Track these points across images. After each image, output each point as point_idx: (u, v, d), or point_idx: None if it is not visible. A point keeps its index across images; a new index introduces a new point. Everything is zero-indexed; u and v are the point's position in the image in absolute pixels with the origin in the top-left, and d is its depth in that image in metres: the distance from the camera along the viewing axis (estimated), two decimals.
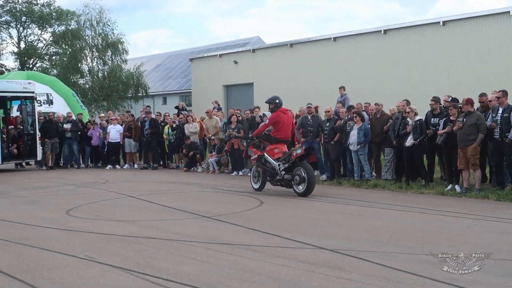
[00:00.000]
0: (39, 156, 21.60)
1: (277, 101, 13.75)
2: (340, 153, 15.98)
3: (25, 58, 54.90)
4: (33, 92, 21.85)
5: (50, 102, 26.36)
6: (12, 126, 21.88)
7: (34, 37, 56.55)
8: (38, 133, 21.46)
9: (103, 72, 43.43)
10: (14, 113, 22.96)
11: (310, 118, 16.23)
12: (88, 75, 44.19)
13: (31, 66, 54.46)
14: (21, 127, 21.88)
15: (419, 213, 10.57)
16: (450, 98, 14.93)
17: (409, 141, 14.07)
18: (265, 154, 13.69)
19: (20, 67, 53.79)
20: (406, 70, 28.42)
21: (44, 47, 55.81)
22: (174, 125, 20.90)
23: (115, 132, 21.71)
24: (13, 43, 56.36)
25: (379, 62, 29.72)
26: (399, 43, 29.37)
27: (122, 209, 11.54)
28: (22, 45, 55.96)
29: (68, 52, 44.20)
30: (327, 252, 7.35)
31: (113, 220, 10.13)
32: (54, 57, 53.28)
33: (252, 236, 8.43)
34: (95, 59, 43.93)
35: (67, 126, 22.19)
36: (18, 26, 55.64)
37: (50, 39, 52.28)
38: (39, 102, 23.80)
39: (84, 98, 39.36)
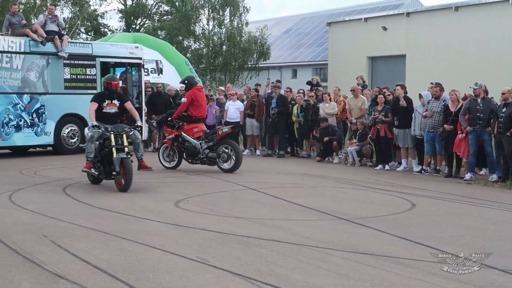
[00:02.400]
0: (145, 135, 22.22)
1: (187, 81, 16.75)
2: None
3: (132, 18, 56.76)
4: (140, 59, 22.48)
5: (159, 71, 27.02)
6: None
7: None
8: (144, 107, 22.11)
9: (219, 36, 44.06)
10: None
11: (480, 101, 15.74)
12: (202, 38, 44.99)
13: (138, 27, 56.30)
14: None
15: None
16: None
17: None
18: (182, 133, 16.22)
19: (125, 28, 55.77)
20: None
21: (154, 5, 57.47)
22: (304, 104, 20.89)
23: (234, 110, 21.82)
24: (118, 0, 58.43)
25: None
26: None
27: (241, 204, 11.77)
28: (129, 2, 57.89)
29: (180, 11, 45.07)
30: (498, 272, 7.13)
31: (231, 217, 10.33)
32: (165, 17, 54.76)
33: (400, 246, 8.32)
34: (211, 19, 44.71)
35: (184, 100, 22.53)
36: None
37: None
38: (146, 70, 24.49)
39: (197, 67, 40.13)
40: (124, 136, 12.75)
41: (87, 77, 20.82)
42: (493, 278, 6.91)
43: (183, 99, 16.63)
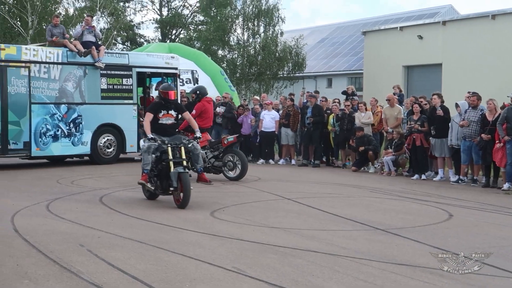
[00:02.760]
0: None
1: (198, 92, 17.08)
2: None
3: (168, 28, 57.15)
4: (176, 68, 22.65)
5: (195, 80, 27.22)
6: None
7: (178, 2, 58.67)
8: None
9: (254, 45, 44.23)
10: (153, 92, 23.87)
11: None
12: (236, 49, 45.18)
13: (173, 37, 56.64)
14: None
15: None
16: None
17: None
18: None
19: (161, 38, 56.14)
20: None
21: (189, 15, 57.77)
22: (340, 114, 20.87)
23: (269, 120, 21.89)
24: (154, 9, 58.90)
25: None
26: None
27: (276, 214, 11.73)
28: (165, 12, 58.28)
29: (215, 22, 45.32)
30: None
31: (266, 227, 10.32)
32: (200, 27, 55.05)
33: (434, 259, 8.24)
34: (246, 30, 44.87)
35: (220, 109, 22.74)
36: None
37: (197, 5, 54.02)
38: (181, 80, 24.63)
39: (232, 77, 40.28)
40: (182, 148, 12.16)
41: (124, 87, 20.98)
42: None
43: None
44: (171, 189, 11.80)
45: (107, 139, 20.64)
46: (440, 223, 11.08)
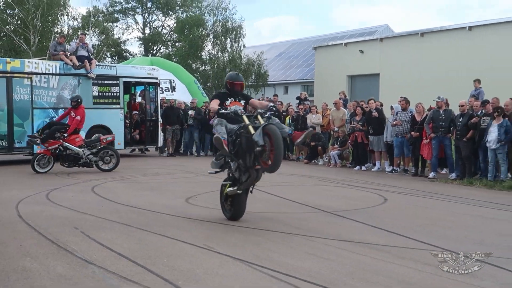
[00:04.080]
0: (160, 143, 22.38)
1: (79, 99, 16.73)
2: (472, 151, 15.39)
3: (150, 44, 56.89)
4: (156, 78, 22.55)
5: (172, 88, 27.20)
6: (136, 112, 22.78)
7: (158, 23, 58.47)
8: (160, 119, 22.23)
9: (223, 59, 44.26)
10: (137, 99, 23.79)
11: (442, 112, 15.77)
12: (208, 62, 45.18)
13: (155, 52, 56.38)
14: (143, 113, 22.73)
15: None
16: None
17: None
18: (65, 143, 16.18)
19: (144, 52, 55.84)
20: None
21: (168, 33, 57.60)
22: (295, 115, 20.94)
23: None
24: (138, 28, 58.57)
25: None
26: None
27: None
28: (147, 31, 58.00)
29: (188, 40, 45.24)
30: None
31: None
32: (177, 44, 54.89)
33: (376, 235, 8.30)
34: (215, 46, 44.85)
35: (191, 112, 22.74)
36: (144, 12, 57.72)
37: (174, 25, 53.86)
38: (161, 88, 24.58)
39: (204, 86, 40.26)
40: (259, 116, 8.74)
41: (112, 94, 20.80)
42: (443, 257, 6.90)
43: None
44: (258, 149, 8.16)
45: None
46: (377, 206, 11.18)
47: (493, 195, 13.10)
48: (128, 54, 57.50)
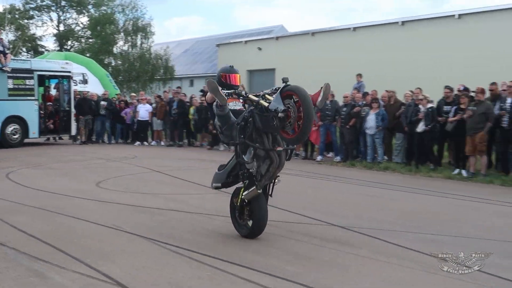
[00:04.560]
0: (73, 131, 21.83)
1: None
2: (354, 137, 15.89)
3: (64, 40, 55.21)
4: (69, 72, 21.95)
5: (85, 81, 26.51)
6: (50, 103, 22.11)
7: (72, 20, 56.85)
8: (73, 110, 21.66)
9: (133, 55, 43.64)
10: (52, 91, 23.10)
11: (329, 103, 16.14)
12: (119, 58, 44.42)
13: (69, 47, 54.77)
14: (58, 104, 22.10)
15: (427, 195, 10.52)
16: (463, 87, 14.85)
17: (420, 127, 13.97)
18: None
19: (58, 48, 54.12)
20: (422, 61, 28.03)
21: (81, 30, 56.13)
22: (199, 106, 20.88)
23: (144, 111, 21.76)
24: (53, 25, 56.70)
25: (396, 52, 29.37)
26: (416, 34, 29.00)
27: (148, 183, 11.62)
28: (62, 27, 56.27)
29: (101, 37, 44.25)
30: (339, 229, 7.37)
31: (140, 193, 10.21)
32: (90, 40, 53.56)
33: (270, 212, 8.40)
34: (126, 42, 44.14)
35: (104, 103, 22.31)
36: (58, 10, 55.93)
37: (87, 23, 52.53)
38: (75, 81, 23.95)
39: (116, 79, 39.51)
40: (267, 96, 6.80)
41: (27, 86, 20.01)
42: (335, 233, 7.14)
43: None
44: (281, 114, 6.19)
45: (13, 128, 19.64)
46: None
47: (372, 175, 13.61)
48: (43, 49, 55.45)
